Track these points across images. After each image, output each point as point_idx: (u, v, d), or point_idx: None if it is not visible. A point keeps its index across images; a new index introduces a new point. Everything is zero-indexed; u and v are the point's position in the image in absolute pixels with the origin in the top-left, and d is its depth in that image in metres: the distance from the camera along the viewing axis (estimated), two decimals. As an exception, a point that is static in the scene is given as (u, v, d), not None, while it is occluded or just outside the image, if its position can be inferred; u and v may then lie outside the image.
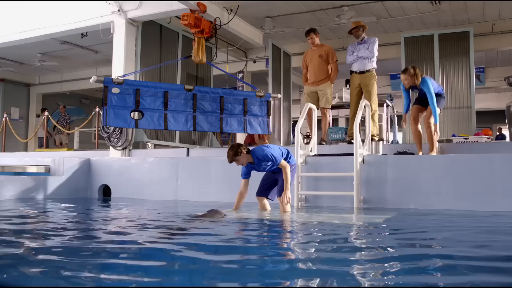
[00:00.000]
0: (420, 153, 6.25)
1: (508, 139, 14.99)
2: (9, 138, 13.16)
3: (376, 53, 7.28)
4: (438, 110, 6.06)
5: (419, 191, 5.61)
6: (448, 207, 5.36)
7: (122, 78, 6.82)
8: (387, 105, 8.89)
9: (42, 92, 16.91)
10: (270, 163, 5.05)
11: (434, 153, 6.16)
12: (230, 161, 5.04)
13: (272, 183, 5.33)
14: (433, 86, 6.09)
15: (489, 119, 17.69)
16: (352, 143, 7.05)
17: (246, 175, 5.20)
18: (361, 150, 5.84)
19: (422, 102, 6.30)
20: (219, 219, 4.53)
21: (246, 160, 5.03)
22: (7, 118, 12.28)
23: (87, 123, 11.68)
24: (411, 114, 6.53)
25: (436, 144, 6.25)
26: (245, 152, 4.99)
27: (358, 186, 5.67)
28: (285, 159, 5.17)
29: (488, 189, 5.28)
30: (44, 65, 13.92)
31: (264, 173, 5.41)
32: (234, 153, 4.95)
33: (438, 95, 6.20)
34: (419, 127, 6.39)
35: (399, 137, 11.43)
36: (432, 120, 6.11)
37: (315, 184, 6.14)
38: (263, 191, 5.38)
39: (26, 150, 15.20)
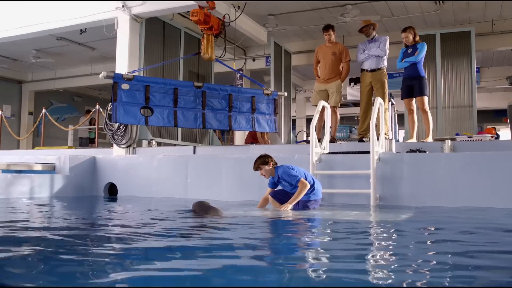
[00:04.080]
0: (412, 139, 7.12)
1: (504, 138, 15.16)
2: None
3: (387, 51, 7.29)
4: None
5: (435, 189, 5.62)
6: (464, 204, 5.37)
7: (132, 74, 6.72)
8: (392, 104, 8.90)
9: (34, 90, 16.61)
10: (287, 184, 5.16)
11: (430, 139, 7.06)
12: (255, 169, 5.26)
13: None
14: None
15: (480, 119, 17.88)
16: (363, 141, 7.10)
17: (273, 185, 5.36)
18: (376, 148, 5.83)
19: (410, 93, 7.10)
20: (219, 216, 4.55)
21: (269, 173, 5.25)
22: (2, 116, 12.02)
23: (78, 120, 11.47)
24: (406, 107, 7.38)
25: (431, 129, 7.15)
26: (271, 164, 5.21)
27: (374, 184, 5.67)
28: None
29: (505, 187, 5.31)
30: (38, 62, 13.67)
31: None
32: (261, 162, 5.20)
33: (424, 78, 7.09)
34: (415, 116, 7.26)
35: (400, 136, 11.50)
36: (426, 107, 7.05)
37: (329, 182, 6.11)
38: (279, 194, 5.35)
39: (18, 148, 14.93)
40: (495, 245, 3.14)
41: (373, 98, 7.43)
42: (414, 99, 7.14)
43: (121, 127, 8.14)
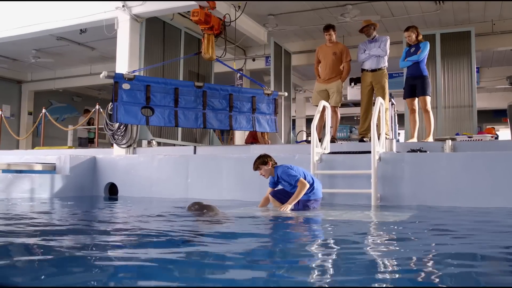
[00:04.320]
0: (413, 139, 7.12)
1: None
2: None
3: (388, 51, 7.30)
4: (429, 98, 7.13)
5: (436, 189, 5.63)
6: (465, 204, 5.38)
7: (133, 74, 6.72)
8: (392, 104, 8.91)
9: (34, 89, 16.60)
10: (287, 184, 5.17)
11: (430, 138, 7.01)
12: (255, 169, 5.28)
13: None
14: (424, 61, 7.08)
15: (479, 119, 17.85)
16: (364, 141, 7.10)
17: (273, 185, 5.36)
18: (377, 148, 5.83)
19: (412, 92, 7.08)
20: (216, 213, 4.62)
21: (269, 173, 5.26)
22: (2, 116, 12.00)
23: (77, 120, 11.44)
24: (408, 107, 7.34)
25: (432, 129, 7.09)
26: (270, 164, 5.22)
27: (375, 184, 5.67)
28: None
29: (505, 186, 5.31)
30: (38, 61, 13.66)
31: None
32: (261, 162, 5.22)
33: (427, 77, 7.05)
34: (416, 116, 7.24)
35: (401, 136, 11.50)
36: (429, 107, 7.02)
37: (330, 181, 6.11)
38: (279, 193, 5.35)
39: (17, 148, 14.92)
40: (496, 245, 3.14)
41: (373, 98, 7.43)
42: (416, 98, 7.12)
43: (121, 127, 8.13)
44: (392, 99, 8.84)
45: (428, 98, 7.03)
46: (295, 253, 2.93)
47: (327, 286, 2.07)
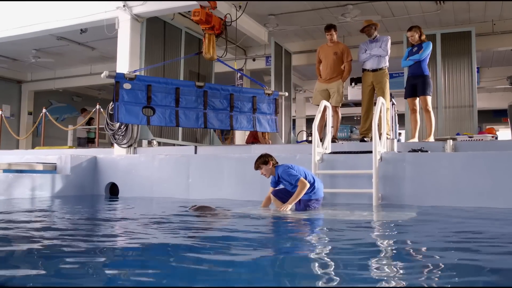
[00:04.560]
0: (414, 139, 7.13)
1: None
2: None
3: (389, 51, 7.31)
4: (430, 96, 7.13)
5: (437, 188, 5.63)
6: (466, 204, 5.39)
7: (134, 74, 6.71)
8: (393, 104, 8.93)
9: (34, 89, 16.59)
10: (288, 183, 5.16)
11: (431, 138, 7.01)
12: (256, 168, 5.29)
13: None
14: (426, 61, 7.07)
15: (479, 119, 17.82)
16: (365, 141, 7.11)
17: (274, 185, 5.36)
18: (378, 147, 5.84)
19: (413, 92, 7.08)
20: (213, 212, 4.69)
21: (270, 173, 5.26)
22: (3, 116, 11.99)
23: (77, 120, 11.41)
24: (409, 106, 7.37)
25: (433, 129, 7.10)
26: (271, 164, 5.22)
27: (377, 184, 5.67)
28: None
29: (506, 187, 5.32)
30: (38, 61, 13.65)
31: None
32: (262, 161, 5.22)
33: (428, 77, 7.03)
34: (417, 116, 7.22)
35: (402, 136, 11.51)
36: (429, 107, 7.02)
37: (331, 181, 6.11)
38: (280, 192, 5.35)
39: (17, 147, 14.91)
40: (497, 245, 3.15)
41: (374, 98, 7.44)
42: (417, 98, 7.12)
43: (122, 126, 8.12)
44: (392, 99, 8.86)
45: (429, 98, 7.03)
46: (295, 253, 2.93)
47: (327, 286, 2.07)
